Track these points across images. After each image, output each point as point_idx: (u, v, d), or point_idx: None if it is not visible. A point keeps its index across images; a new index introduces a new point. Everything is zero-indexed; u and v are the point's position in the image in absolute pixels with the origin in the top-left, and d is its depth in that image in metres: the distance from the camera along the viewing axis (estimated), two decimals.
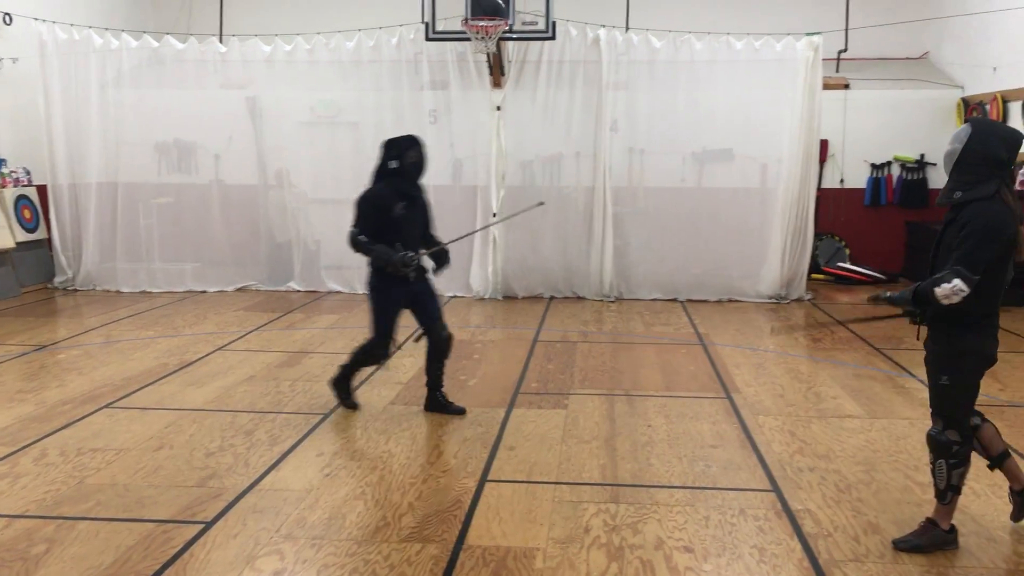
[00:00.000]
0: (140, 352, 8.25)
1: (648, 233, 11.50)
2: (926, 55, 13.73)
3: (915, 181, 12.93)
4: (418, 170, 6.14)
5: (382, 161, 6.10)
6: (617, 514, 4.61)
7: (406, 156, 6.04)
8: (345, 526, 4.46)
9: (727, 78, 11.19)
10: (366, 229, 5.98)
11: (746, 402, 6.68)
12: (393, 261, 5.93)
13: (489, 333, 9.33)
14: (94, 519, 4.51)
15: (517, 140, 11.37)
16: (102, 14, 13.25)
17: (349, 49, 11.51)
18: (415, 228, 6.21)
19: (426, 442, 5.74)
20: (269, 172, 11.93)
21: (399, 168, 6.03)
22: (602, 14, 12.28)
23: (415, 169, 6.11)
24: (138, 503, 4.72)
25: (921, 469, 5.25)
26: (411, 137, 6.19)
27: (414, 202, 6.16)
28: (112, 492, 4.86)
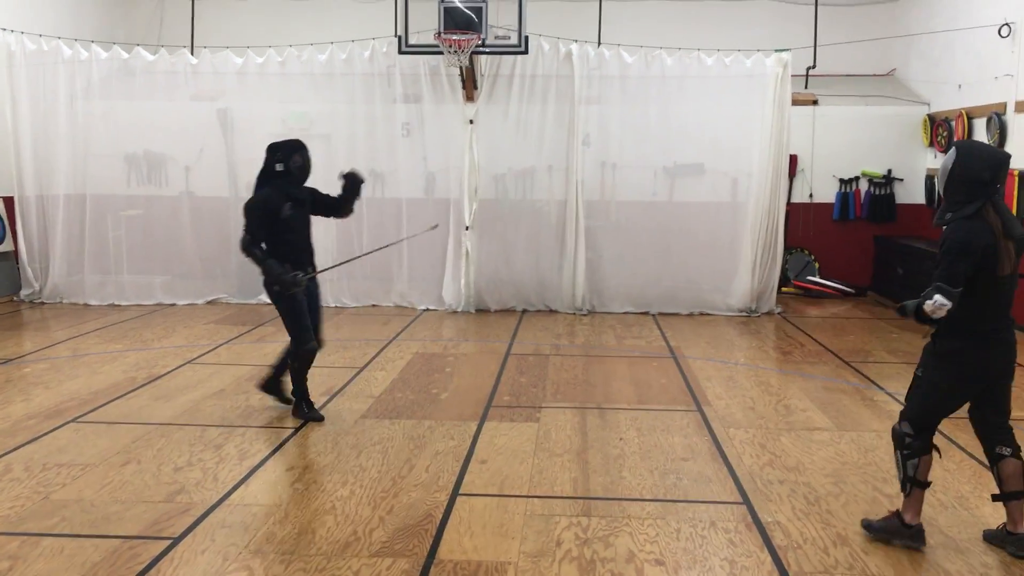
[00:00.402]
0: (108, 366, 8.15)
1: (620, 247, 11.56)
2: (893, 72, 13.94)
3: (883, 196, 13.10)
4: (303, 173, 6.44)
5: (267, 164, 6.35)
6: (589, 527, 4.61)
7: (292, 160, 6.33)
8: (315, 541, 4.42)
9: (698, 93, 11.30)
10: (258, 233, 6.20)
11: (717, 415, 6.72)
12: (283, 281, 6.16)
13: (462, 346, 9.32)
14: (59, 535, 4.45)
15: (490, 154, 11.40)
16: (71, 25, 13.13)
17: (321, 62, 11.49)
18: (304, 229, 6.49)
19: (397, 456, 5.71)
20: (240, 184, 11.82)
21: (285, 171, 6.31)
22: (574, 29, 12.37)
23: (300, 172, 6.40)
24: (104, 519, 4.66)
25: (889, 481, 5.30)
26: (296, 141, 6.48)
27: (301, 204, 6.42)
28: (78, 508, 4.79)
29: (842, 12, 13.88)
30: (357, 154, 11.59)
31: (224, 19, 14.36)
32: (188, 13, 14.11)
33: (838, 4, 13.88)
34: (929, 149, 12.65)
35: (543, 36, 11.25)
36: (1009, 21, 10.55)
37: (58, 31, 12.19)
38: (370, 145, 11.60)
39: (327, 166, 11.61)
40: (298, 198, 6.39)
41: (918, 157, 12.93)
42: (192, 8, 14.09)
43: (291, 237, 6.32)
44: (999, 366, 4.33)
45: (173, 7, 14.56)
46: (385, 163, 11.62)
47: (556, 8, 13.46)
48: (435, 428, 6.31)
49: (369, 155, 11.59)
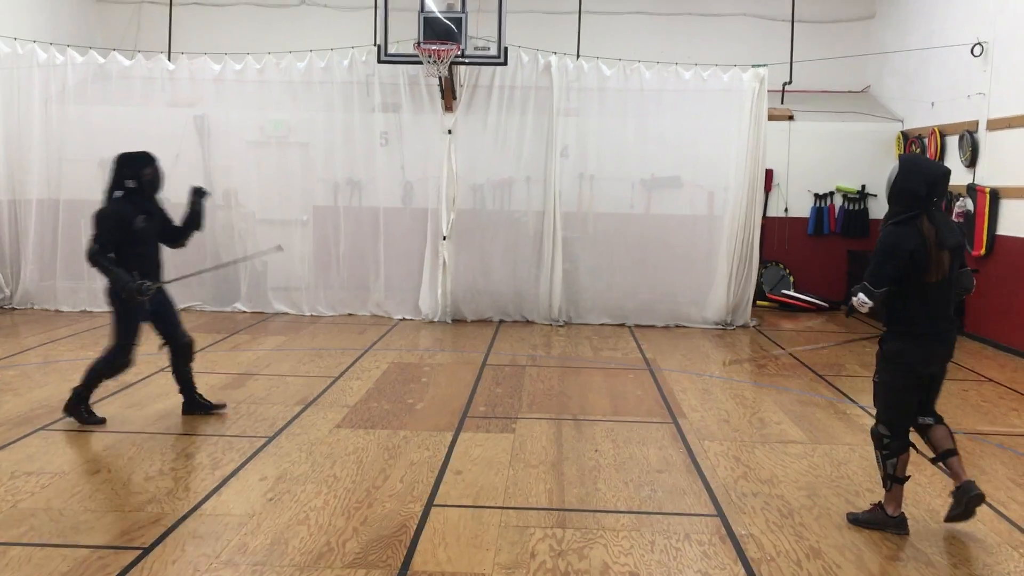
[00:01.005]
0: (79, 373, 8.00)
1: (597, 258, 11.60)
2: (867, 89, 14.11)
3: (856, 211, 13.24)
4: (154, 187, 6.49)
5: (117, 178, 6.38)
6: (564, 539, 4.61)
7: (143, 174, 6.39)
8: (288, 552, 4.38)
9: (675, 107, 11.39)
10: (108, 244, 6.20)
11: (692, 427, 6.74)
12: (129, 289, 6.15)
13: (438, 356, 9.29)
14: (27, 544, 4.38)
15: (468, 164, 11.41)
16: (47, 29, 13.02)
17: (300, 70, 11.47)
18: (154, 241, 6.57)
19: (372, 466, 5.68)
20: (217, 192, 11.74)
21: (137, 186, 6.36)
22: (554, 41, 12.42)
23: (151, 186, 6.46)
24: (73, 528, 4.59)
25: (862, 495, 5.34)
26: (146, 154, 6.52)
27: (152, 216, 6.47)
28: (46, 517, 4.73)
29: (818, 29, 14.05)
30: (335, 162, 11.60)
31: (202, 25, 14.29)
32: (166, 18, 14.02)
33: (814, 21, 14.04)
34: None
35: (522, 48, 11.30)
36: (982, 40, 10.72)
37: (34, 35, 12.09)
38: (348, 154, 11.58)
39: (305, 174, 11.71)
40: (149, 211, 6.45)
41: None
42: (170, 14, 14.00)
43: (141, 250, 6.36)
44: (936, 364, 4.78)
45: (151, 12, 14.47)
46: (363, 172, 11.60)
47: (536, 20, 13.53)
48: (410, 438, 6.29)
49: (347, 164, 11.59)
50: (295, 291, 11.71)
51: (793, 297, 12.92)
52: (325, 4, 14.42)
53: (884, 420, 4.74)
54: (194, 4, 14.45)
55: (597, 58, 11.46)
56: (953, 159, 11.23)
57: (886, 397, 4.75)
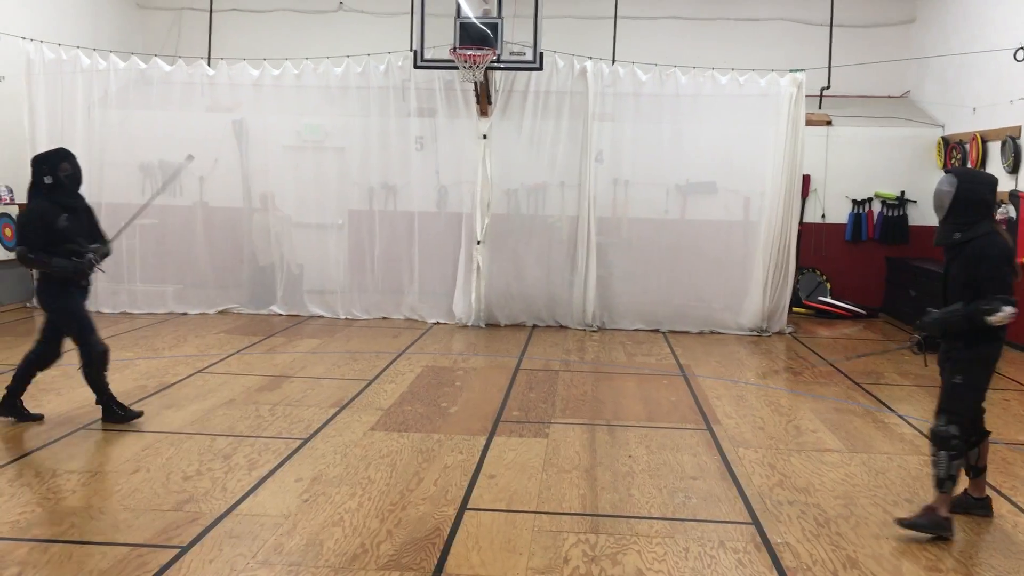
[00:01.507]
0: (119, 373, 8.17)
1: (631, 264, 11.56)
2: (907, 94, 13.95)
3: (895, 218, 13.07)
4: (74, 182, 6.37)
5: (35, 177, 6.28)
6: (597, 544, 4.60)
7: (60, 169, 6.26)
8: (323, 553, 4.42)
9: (711, 112, 11.33)
10: (34, 245, 6.19)
11: (727, 434, 6.69)
12: (78, 267, 6.25)
13: (471, 361, 9.31)
14: (67, 542, 4.45)
15: (502, 168, 11.43)
16: (91, 34, 13.26)
17: (337, 75, 11.56)
18: (82, 237, 6.43)
19: (406, 469, 5.70)
20: (254, 195, 11.92)
21: (54, 183, 6.25)
22: (589, 46, 12.44)
23: (71, 181, 6.34)
24: (113, 526, 4.66)
25: (900, 504, 5.27)
26: (62, 150, 6.41)
27: (76, 213, 6.38)
28: (87, 515, 4.80)
29: (857, 33, 13.91)
30: (371, 167, 11.69)
31: (241, 31, 14.48)
32: (206, 24, 14.23)
33: (853, 25, 13.92)
34: (942, 171, 12.62)
35: (558, 53, 11.31)
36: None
37: (77, 41, 12.32)
38: (384, 158, 11.66)
39: (341, 178, 11.80)
40: (72, 207, 6.36)
41: (931, 179, 12.86)
42: (210, 20, 14.21)
43: (70, 247, 6.30)
44: None
45: (191, 18, 14.69)
46: (398, 176, 11.67)
47: (571, 25, 13.55)
48: (444, 442, 6.31)
49: (382, 168, 11.66)
50: (330, 294, 11.81)
51: (830, 304, 12.78)
52: (362, 10, 14.54)
53: (957, 421, 4.76)
54: (234, 10, 14.65)
55: (632, 63, 11.43)
56: (995, 165, 11.06)
57: (968, 399, 4.80)
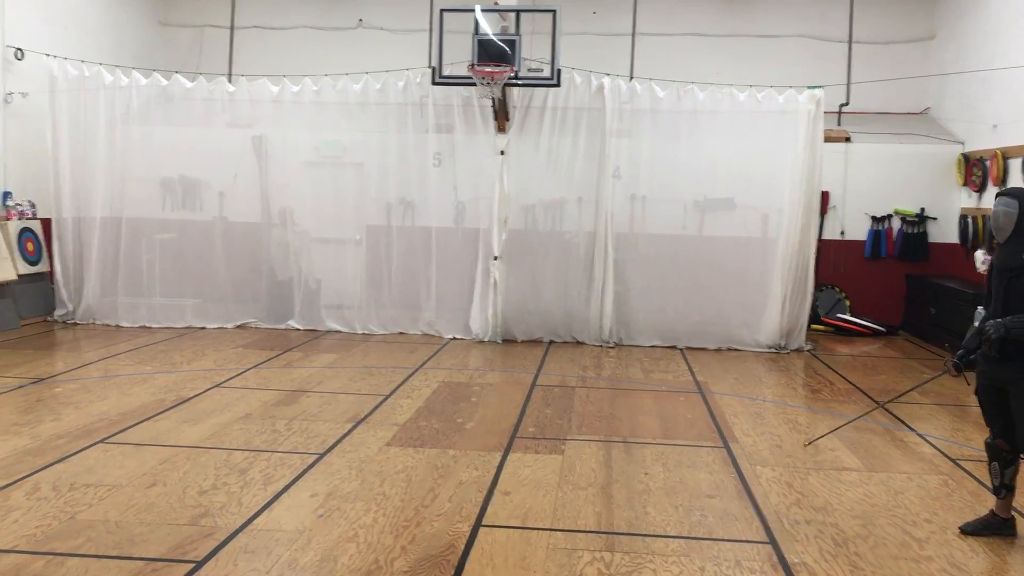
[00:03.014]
0: (137, 387, 8.23)
1: (648, 280, 11.53)
2: (927, 110, 13.88)
3: (915, 235, 12.98)
4: None
5: None
6: (612, 563, 4.57)
7: None
8: (337, 569, 4.41)
9: (729, 128, 11.31)
10: None
11: (744, 452, 6.64)
12: None
13: (487, 376, 9.31)
14: (84, 556, 4.47)
15: (520, 184, 11.45)
16: (113, 51, 13.42)
17: (356, 91, 11.64)
18: None
19: (421, 485, 5.69)
20: (272, 210, 12.00)
21: None
22: (607, 63, 12.46)
23: None
24: (129, 540, 4.68)
25: (919, 524, 5.21)
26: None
27: None
28: (103, 529, 4.82)
29: (876, 50, 13.88)
30: (388, 182, 11.74)
31: (262, 48, 14.62)
32: (227, 41, 14.38)
33: (873, 42, 13.88)
34: (963, 188, 12.54)
35: (576, 69, 11.34)
36: None
37: (100, 57, 12.47)
38: (402, 174, 11.71)
39: (359, 194, 11.86)
40: None
41: (952, 196, 12.82)
42: (231, 36, 14.36)
43: None
44: None
45: (212, 35, 14.85)
46: (416, 192, 11.71)
47: (589, 42, 13.59)
48: (459, 458, 6.30)
49: (400, 184, 11.71)
50: (347, 309, 11.84)
51: (849, 321, 12.69)
52: (381, 27, 14.65)
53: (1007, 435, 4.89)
54: (254, 27, 14.79)
55: (650, 79, 11.45)
56: (1016, 182, 10.96)
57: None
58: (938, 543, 4.95)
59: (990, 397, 5.02)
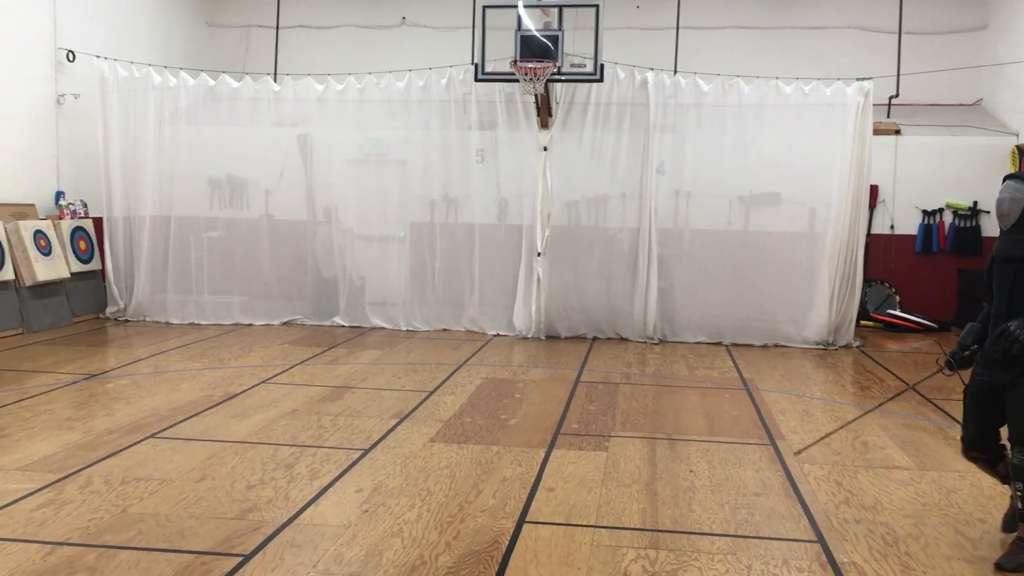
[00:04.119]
0: (186, 383, 8.36)
1: (693, 276, 11.44)
2: (980, 102, 13.58)
3: (968, 228, 12.72)
4: None
5: None
6: (657, 560, 4.53)
7: None
8: (382, 564, 4.43)
9: (776, 122, 11.17)
10: None
11: (791, 449, 6.55)
12: None
13: (531, 372, 9.30)
14: (135, 548, 4.55)
15: (563, 180, 11.42)
16: (162, 52, 13.65)
17: (399, 89, 11.70)
18: None
19: (465, 481, 5.71)
20: (318, 208, 12.11)
21: None
22: (651, 57, 12.38)
23: None
24: (179, 534, 4.75)
25: (972, 524, 5.10)
26: None
27: None
28: (154, 522, 4.90)
29: (927, 40, 13.62)
30: (432, 179, 11.78)
31: (307, 47, 14.77)
32: (272, 41, 14.54)
33: (923, 33, 13.62)
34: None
35: (619, 64, 11.28)
36: None
37: (149, 59, 12.69)
38: (445, 171, 11.74)
39: (402, 191, 11.92)
40: None
41: None
42: (276, 36, 14.51)
43: None
44: None
45: (258, 35, 15.03)
46: (459, 189, 11.74)
47: (633, 36, 13.52)
48: (503, 454, 6.30)
49: (443, 181, 11.75)
50: (392, 306, 11.92)
51: (899, 317, 12.46)
52: (424, 24, 14.72)
53: None
54: (299, 27, 14.94)
55: (695, 73, 11.34)
56: None
57: None
58: (992, 543, 4.84)
59: (981, 401, 4.70)
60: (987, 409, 4.69)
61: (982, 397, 4.69)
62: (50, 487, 5.41)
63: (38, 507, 5.07)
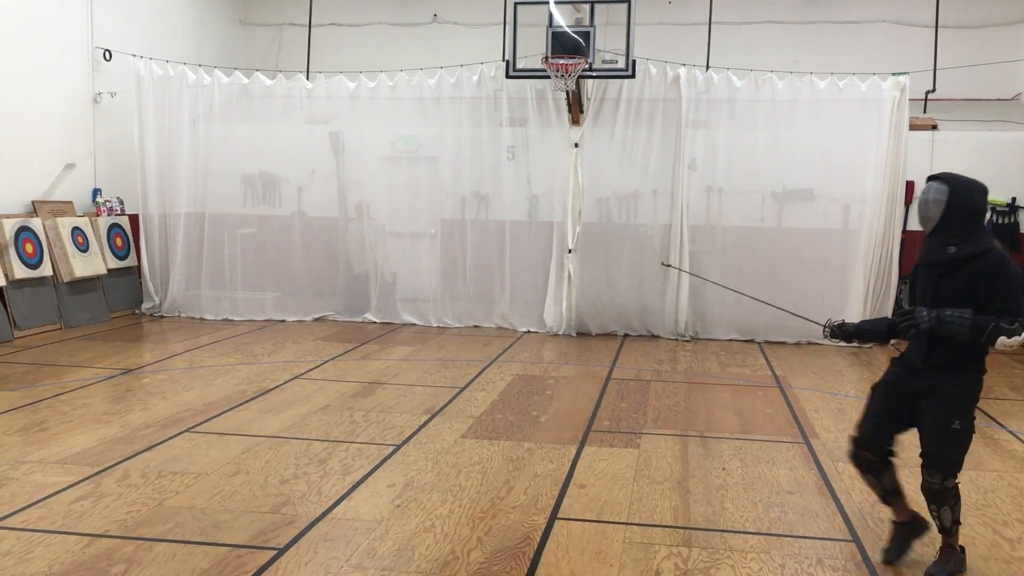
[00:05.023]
0: (221, 378, 8.45)
1: (725, 273, 11.29)
2: (1018, 96, 13.36)
3: (1006, 225, 12.50)
4: None
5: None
6: (689, 558, 4.52)
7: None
8: (414, 558, 4.46)
9: (809, 118, 11.06)
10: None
11: (825, 448, 6.50)
12: None
13: (562, 369, 9.29)
14: (171, 541, 4.61)
15: (594, 177, 11.39)
16: (197, 51, 13.79)
17: (431, 86, 11.72)
18: None
19: (496, 477, 5.72)
20: (349, 205, 12.18)
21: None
22: (683, 53, 12.30)
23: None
24: (214, 527, 4.81)
25: (1011, 524, 5.03)
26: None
27: None
28: (189, 515, 4.96)
29: (964, 35, 13.41)
30: (463, 176, 11.80)
31: (339, 45, 14.84)
32: (305, 39, 14.63)
33: (960, 27, 13.42)
34: None
35: (650, 60, 11.22)
36: None
37: (184, 57, 12.82)
38: (476, 168, 11.76)
39: (433, 188, 11.95)
40: None
41: None
42: (309, 34, 14.60)
43: None
44: None
45: (291, 33, 15.14)
46: (490, 185, 11.75)
47: (665, 32, 13.44)
48: (534, 451, 6.30)
49: (474, 178, 11.76)
50: (423, 303, 11.96)
51: None
52: (456, 21, 14.74)
53: (955, 471, 4.23)
54: (331, 25, 15.03)
55: (727, 69, 11.26)
56: None
57: (965, 444, 4.21)
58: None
59: (891, 400, 4.41)
60: (893, 410, 4.42)
61: (893, 397, 4.42)
62: (88, 480, 5.50)
63: (77, 499, 5.16)
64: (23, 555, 4.37)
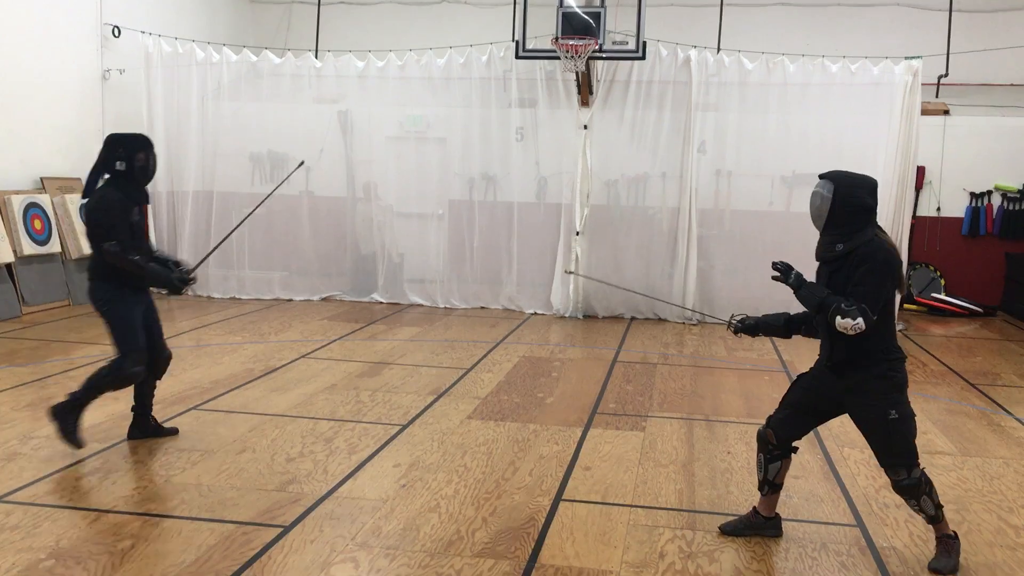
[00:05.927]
0: (228, 357, 8.47)
1: (733, 257, 11.32)
2: None
3: (1017, 211, 12.46)
4: (146, 175, 5.64)
5: (107, 160, 5.54)
6: (693, 541, 4.52)
7: (135, 159, 5.53)
8: (419, 538, 4.47)
9: (821, 101, 10.99)
10: (126, 238, 5.44)
11: (831, 433, 6.49)
12: (172, 282, 5.61)
13: (568, 352, 9.30)
14: (178, 517, 4.63)
15: (603, 159, 11.35)
16: (206, 29, 13.74)
17: (440, 66, 11.67)
18: (146, 235, 5.82)
19: (502, 458, 5.73)
20: (357, 185, 12.16)
21: (126, 172, 5.52)
22: (693, 35, 12.21)
23: (143, 173, 5.60)
24: (220, 504, 4.83)
25: (1016, 511, 5.03)
26: (142, 138, 5.74)
27: (142, 209, 5.68)
28: (196, 492, 4.99)
29: (978, 19, 13.29)
30: (471, 157, 11.77)
31: (348, 23, 14.77)
32: (314, 17, 14.55)
33: (973, 11, 13.29)
34: None
35: (661, 42, 11.14)
36: None
37: (193, 35, 12.78)
38: (484, 149, 11.72)
39: (441, 169, 11.93)
40: (140, 203, 5.62)
41: None
42: (318, 13, 14.52)
43: (139, 244, 5.57)
44: None
45: (300, 12, 15.07)
46: (498, 167, 11.72)
47: (675, 13, 13.35)
48: (540, 432, 6.31)
49: (483, 158, 11.73)
50: (430, 283, 11.96)
51: (944, 301, 12.26)
52: (465, 1, 14.64)
53: (915, 460, 4.20)
54: (341, 3, 14.95)
55: (738, 51, 11.18)
56: None
57: (910, 430, 4.18)
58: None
59: (811, 398, 4.46)
60: (811, 406, 4.48)
61: (812, 393, 4.48)
62: (97, 455, 5.53)
63: (85, 475, 5.19)
64: (31, 529, 4.40)
